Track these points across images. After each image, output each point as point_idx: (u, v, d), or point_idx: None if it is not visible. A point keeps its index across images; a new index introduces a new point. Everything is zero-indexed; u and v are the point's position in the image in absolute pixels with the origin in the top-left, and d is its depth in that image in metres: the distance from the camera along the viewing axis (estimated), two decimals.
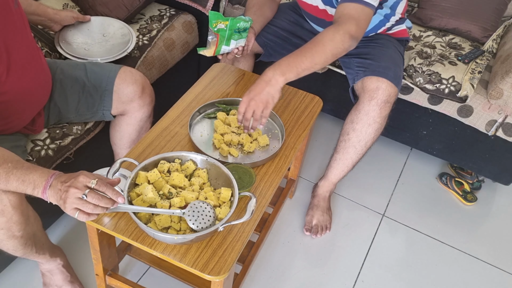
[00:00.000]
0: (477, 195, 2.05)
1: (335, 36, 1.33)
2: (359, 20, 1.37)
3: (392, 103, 1.55)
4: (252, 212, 1.07)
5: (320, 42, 1.34)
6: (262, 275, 1.64)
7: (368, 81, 1.53)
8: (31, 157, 1.36)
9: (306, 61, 1.32)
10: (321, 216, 1.79)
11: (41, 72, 1.31)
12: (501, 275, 1.77)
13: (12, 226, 1.11)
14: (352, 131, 1.59)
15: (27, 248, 1.22)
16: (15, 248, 1.19)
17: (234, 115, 1.41)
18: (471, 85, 1.76)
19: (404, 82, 1.85)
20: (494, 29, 2.00)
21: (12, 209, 1.08)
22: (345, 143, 1.64)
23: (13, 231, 1.12)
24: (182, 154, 1.18)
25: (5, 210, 1.07)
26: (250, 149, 1.34)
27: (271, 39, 1.75)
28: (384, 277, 1.70)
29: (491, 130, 1.82)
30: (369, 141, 1.60)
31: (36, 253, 1.29)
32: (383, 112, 1.54)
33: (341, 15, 1.38)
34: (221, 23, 1.43)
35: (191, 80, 1.62)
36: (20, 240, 1.17)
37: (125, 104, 1.46)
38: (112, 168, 1.11)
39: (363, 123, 1.56)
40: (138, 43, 1.79)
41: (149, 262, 1.44)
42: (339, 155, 1.69)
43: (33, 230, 1.21)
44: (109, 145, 1.63)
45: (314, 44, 1.34)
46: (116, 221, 1.13)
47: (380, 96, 1.51)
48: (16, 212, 1.09)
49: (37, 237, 1.25)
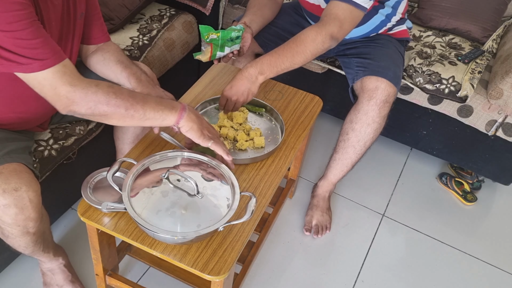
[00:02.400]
0: (477, 195, 2.05)
1: (317, 37, 1.37)
2: (344, 22, 1.39)
3: (391, 103, 1.55)
4: (252, 212, 1.07)
5: (302, 42, 1.38)
6: (262, 275, 1.64)
7: (367, 81, 1.53)
8: (34, 158, 1.36)
9: (286, 61, 1.39)
10: (320, 216, 1.79)
11: None
12: (501, 275, 1.77)
13: (28, 224, 1.13)
14: (351, 131, 1.60)
15: (37, 245, 1.24)
16: (26, 245, 1.21)
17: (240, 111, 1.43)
18: (471, 85, 1.76)
19: (404, 82, 1.85)
20: (494, 29, 2.00)
21: (31, 207, 1.10)
22: (344, 143, 1.64)
23: (28, 228, 1.14)
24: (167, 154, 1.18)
25: (24, 208, 1.09)
26: (242, 146, 1.35)
27: (271, 39, 1.75)
28: (384, 277, 1.70)
29: (491, 130, 1.82)
30: (368, 141, 1.60)
31: (42, 251, 1.31)
32: (382, 112, 1.54)
33: (327, 14, 1.40)
34: (212, 34, 1.45)
35: (191, 80, 1.62)
36: (32, 237, 1.19)
37: None
38: (112, 169, 1.11)
39: (362, 123, 1.56)
40: (138, 43, 1.79)
41: (149, 262, 1.44)
42: (338, 155, 1.69)
43: (44, 228, 1.23)
44: (110, 146, 1.62)
45: (296, 44, 1.38)
46: (116, 221, 1.13)
47: (379, 96, 1.51)
48: (34, 209, 1.11)
49: (45, 235, 1.28)
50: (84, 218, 1.14)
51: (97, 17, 1.33)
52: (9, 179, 1.07)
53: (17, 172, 1.09)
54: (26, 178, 1.10)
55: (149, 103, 1.09)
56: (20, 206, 1.08)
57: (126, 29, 1.85)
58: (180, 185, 1.11)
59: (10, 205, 1.06)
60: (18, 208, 1.08)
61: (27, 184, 1.09)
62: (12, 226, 1.11)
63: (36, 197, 1.11)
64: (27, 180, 1.09)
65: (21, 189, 1.07)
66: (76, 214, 1.54)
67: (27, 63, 1.00)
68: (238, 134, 1.37)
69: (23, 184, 1.08)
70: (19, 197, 1.07)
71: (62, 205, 1.67)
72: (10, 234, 1.15)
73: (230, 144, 1.37)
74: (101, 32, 1.36)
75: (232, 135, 1.36)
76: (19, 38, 0.98)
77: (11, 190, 1.06)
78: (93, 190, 1.17)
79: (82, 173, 1.22)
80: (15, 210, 1.08)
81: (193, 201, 1.08)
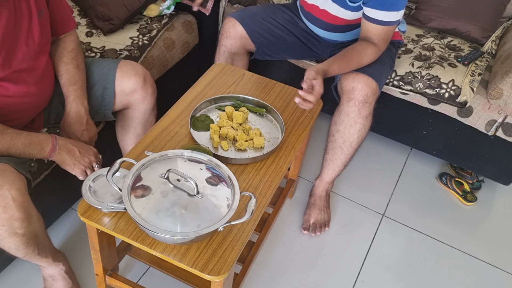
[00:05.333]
0: (477, 195, 2.05)
1: (374, 55, 1.54)
2: (389, 39, 1.58)
3: (372, 102, 1.56)
4: (252, 212, 1.07)
5: (362, 58, 1.52)
6: (262, 275, 1.64)
7: (345, 81, 1.55)
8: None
9: (346, 68, 1.51)
10: (318, 214, 1.80)
11: (47, 77, 1.33)
12: (501, 275, 1.77)
13: (14, 223, 1.12)
14: (337, 132, 1.62)
15: (29, 248, 1.22)
16: (16, 247, 1.19)
17: (240, 111, 1.43)
18: (471, 88, 1.76)
19: (402, 91, 1.85)
20: (493, 29, 2.00)
21: (15, 206, 1.09)
22: (332, 144, 1.66)
23: (15, 228, 1.13)
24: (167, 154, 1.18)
25: (7, 207, 1.08)
26: (242, 146, 1.35)
27: (265, 36, 1.75)
28: (384, 277, 1.70)
29: (491, 130, 1.82)
30: (354, 141, 1.62)
31: (38, 255, 1.28)
32: (363, 112, 1.54)
33: (380, 37, 1.54)
34: None
35: (191, 80, 1.62)
36: (22, 238, 1.17)
37: (128, 96, 1.47)
38: (112, 168, 1.11)
39: (345, 124, 1.58)
40: (138, 43, 1.80)
41: (149, 262, 1.44)
42: (328, 155, 1.71)
43: (35, 230, 1.21)
44: (110, 145, 1.63)
45: (358, 57, 1.51)
46: (116, 221, 1.13)
47: (356, 97, 1.52)
48: (18, 209, 1.10)
49: (39, 238, 1.25)
50: (84, 218, 1.14)
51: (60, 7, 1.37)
52: None
53: (0, 171, 1.09)
54: (9, 176, 1.09)
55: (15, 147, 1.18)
56: (2, 204, 1.07)
57: (126, 29, 1.85)
58: (180, 185, 1.11)
59: None
60: (0, 207, 1.07)
61: (9, 182, 1.08)
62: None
63: (20, 196, 1.10)
64: (10, 179, 1.09)
65: (3, 187, 1.07)
66: (76, 214, 1.54)
67: None
68: (238, 134, 1.37)
69: (5, 182, 1.08)
70: (1, 196, 1.07)
71: (62, 205, 1.67)
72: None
73: (230, 144, 1.37)
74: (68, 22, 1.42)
75: (232, 135, 1.36)
76: None
77: None
78: (93, 190, 1.17)
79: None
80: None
81: (193, 201, 1.08)
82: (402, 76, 1.84)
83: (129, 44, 1.78)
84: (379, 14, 1.49)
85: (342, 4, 1.58)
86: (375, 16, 1.50)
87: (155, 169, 1.14)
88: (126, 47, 1.77)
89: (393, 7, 1.47)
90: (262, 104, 1.49)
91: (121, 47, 1.76)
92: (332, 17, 1.64)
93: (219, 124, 1.39)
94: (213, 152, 1.28)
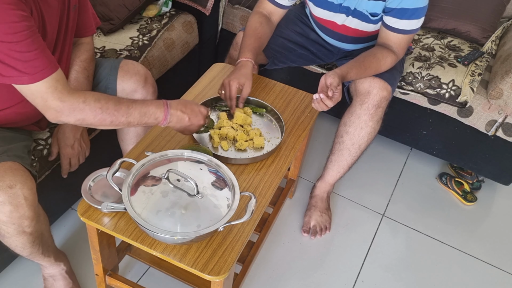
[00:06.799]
0: (477, 195, 2.05)
1: (392, 63, 1.54)
2: (407, 46, 1.57)
3: (384, 107, 1.55)
4: (252, 212, 1.07)
5: (381, 66, 1.51)
6: (262, 275, 1.64)
7: (360, 85, 1.54)
8: (33, 157, 1.36)
9: (363, 76, 1.51)
10: (319, 216, 1.79)
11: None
12: (501, 275, 1.77)
13: (23, 222, 1.13)
14: (346, 134, 1.61)
15: (34, 247, 1.23)
16: (23, 246, 1.20)
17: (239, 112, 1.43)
18: (471, 89, 1.76)
19: (404, 90, 1.85)
20: (493, 29, 2.00)
21: (26, 205, 1.10)
22: (340, 145, 1.65)
23: (24, 226, 1.14)
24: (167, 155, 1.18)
25: (19, 206, 1.09)
26: (242, 146, 1.35)
27: (279, 50, 1.74)
28: (384, 277, 1.70)
29: (491, 130, 1.82)
30: (363, 144, 1.61)
31: (42, 254, 1.30)
32: (375, 116, 1.54)
33: (398, 46, 1.53)
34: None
35: (191, 80, 1.62)
36: (29, 237, 1.18)
37: (129, 95, 1.47)
38: (112, 169, 1.11)
39: (356, 126, 1.57)
40: (138, 43, 1.80)
41: (149, 262, 1.44)
42: (334, 156, 1.70)
43: (41, 229, 1.23)
44: (110, 146, 1.63)
45: (377, 65, 1.50)
46: (116, 221, 1.13)
47: (370, 101, 1.52)
48: (29, 208, 1.12)
49: (44, 237, 1.27)
50: (84, 218, 1.14)
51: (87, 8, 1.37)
52: (4, 176, 1.08)
53: (12, 170, 1.10)
54: (21, 175, 1.10)
55: (133, 115, 1.17)
56: (15, 203, 1.08)
57: (126, 29, 1.85)
58: (180, 185, 1.11)
59: (5, 202, 1.07)
60: (12, 205, 1.08)
61: (22, 181, 1.09)
62: (7, 224, 1.11)
63: (31, 195, 1.11)
64: (22, 178, 1.10)
65: (15, 187, 1.08)
66: (76, 214, 1.54)
67: (17, 76, 1.03)
68: (237, 134, 1.37)
69: (17, 181, 1.09)
70: (14, 195, 1.08)
71: (62, 205, 1.67)
72: (6, 233, 1.15)
73: (230, 144, 1.37)
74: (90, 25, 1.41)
75: (232, 135, 1.36)
76: (13, 50, 1.00)
77: (5, 187, 1.06)
78: (93, 190, 1.17)
79: (82, 173, 1.23)
80: (9, 208, 1.08)
81: (193, 201, 1.08)
82: (403, 76, 1.84)
83: (129, 44, 1.78)
84: (401, 23, 1.46)
85: (363, 18, 1.56)
86: (396, 25, 1.47)
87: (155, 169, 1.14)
88: (126, 47, 1.77)
89: (414, 16, 1.44)
90: (262, 104, 1.49)
91: (121, 47, 1.76)
92: (353, 30, 1.63)
93: (219, 125, 1.39)
94: (213, 152, 1.28)
